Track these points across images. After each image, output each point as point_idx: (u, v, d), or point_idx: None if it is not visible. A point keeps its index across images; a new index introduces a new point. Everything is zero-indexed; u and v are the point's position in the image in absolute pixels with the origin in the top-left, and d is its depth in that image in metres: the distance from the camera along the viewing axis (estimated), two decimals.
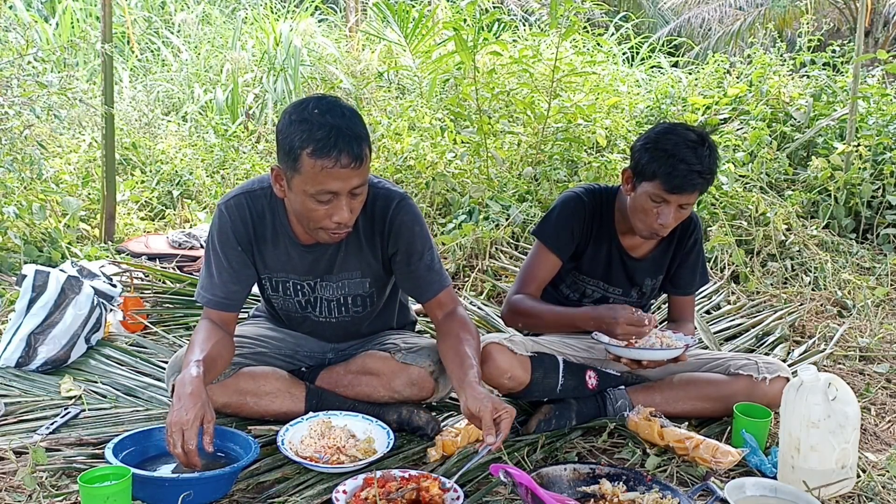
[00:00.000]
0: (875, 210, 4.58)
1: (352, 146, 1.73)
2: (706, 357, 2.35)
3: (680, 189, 2.04)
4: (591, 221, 2.28)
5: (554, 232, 2.27)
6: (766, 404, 2.14)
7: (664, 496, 1.74)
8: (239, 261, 2.03)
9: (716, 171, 2.10)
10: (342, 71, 7.45)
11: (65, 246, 3.86)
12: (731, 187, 4.35)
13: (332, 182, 1.76)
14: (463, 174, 4.96)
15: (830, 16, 11.00)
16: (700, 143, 2.05)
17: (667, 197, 2.06)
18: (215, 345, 1.93)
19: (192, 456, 1.69)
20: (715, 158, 2.08)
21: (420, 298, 2.12)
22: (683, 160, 2.02)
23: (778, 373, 2.20)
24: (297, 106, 1.81)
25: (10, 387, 2.35)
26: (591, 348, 2.36)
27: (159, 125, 6.28)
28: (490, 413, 1.73)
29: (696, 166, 2.02)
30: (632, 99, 6.65)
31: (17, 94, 3.93)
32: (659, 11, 14.27)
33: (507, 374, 2.15)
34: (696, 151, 2.03)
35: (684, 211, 2.12)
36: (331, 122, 1.73)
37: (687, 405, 2.24)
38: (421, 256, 2.05)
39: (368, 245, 2.05)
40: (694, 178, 2.03)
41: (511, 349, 2.17)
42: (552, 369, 2.21)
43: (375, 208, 2.01)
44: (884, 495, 1.88)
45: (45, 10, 8.26)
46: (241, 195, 2.03)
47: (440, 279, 2.09)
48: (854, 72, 4.90)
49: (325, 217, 1.82)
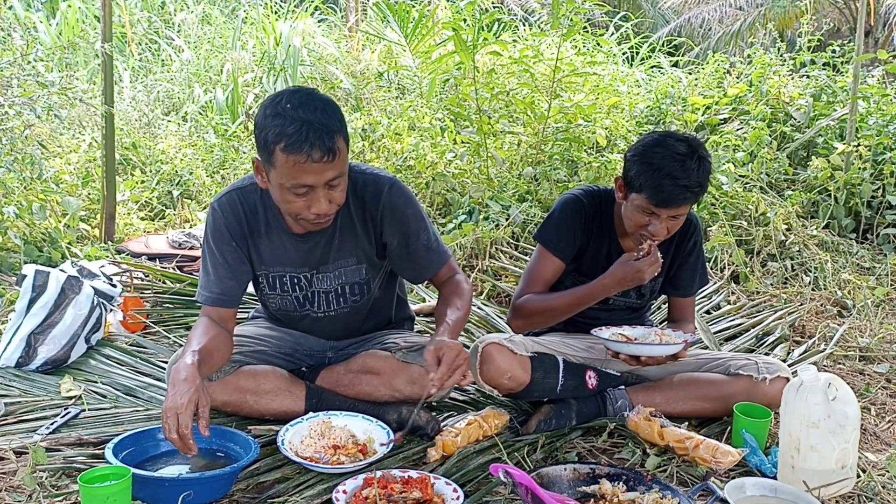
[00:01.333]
0: (875, 210, 4.58)
1: (323, 140, 1.74)
2: (706, 357, 2.35)
3: (667, 203, 2.02)
4: (591, 223, 2.27)
5: (556, 235, 2.27)
6: (766, 404, 2.14)
7: (664, 496, 1.74)
8: (234, 256, 2.04)
9: (706, 183, 2.07)
10: (342, 71, 7.45)
11: (65, 246, 3.86)
12: (731, 187, 4.35)
13: (305, 176, 1.77)
14: (463, 174, 4.96)
15: (830, 16, 11.00)
16: (689, 155, 2.01)
17: (655, 210, 2.05)
18: (212, 339, 1.94)
19: (187, 440, 1.69)
20: (706, 170, 2.04)
21: (421, 278, 2.17)
22: (670, 174, 1.98)
23: (778, 373, 2.19)
24: (272, 99, 1.81)
25: (10, 387, 2.35)
26: (591, 348, 2.36)
27: (159, 125, 6.29)
28: (432, 352, 1.81)
29: (683, 181, 1.98)
30: (632, 99, 6.64)
31: (17, 94, 3.93)
32: (659, 11, 14.28)
33: (506, 374, 2.15)
34: (683, 165, 1.99)
35: (676, 221, 2.10)
36: (302, 117, 1.74)
37: (687, 405, 2.24)
38: (418, 237, 2.06)
39: (362, 230, 2.06)
40: (681, 193, 2.00)
41: (511, 349, 2.17)
42: (552, 369, 2.21)
43: (366, 193, 2.03)
44: (884, 495, 1.88)
45: (46, 11, 8.26)
46: (233, 192, 2.05)
47: (439, 256, 2.12)
48: (854, 72, 4.90)
49: (304, 209, 1.84)
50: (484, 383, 2.18)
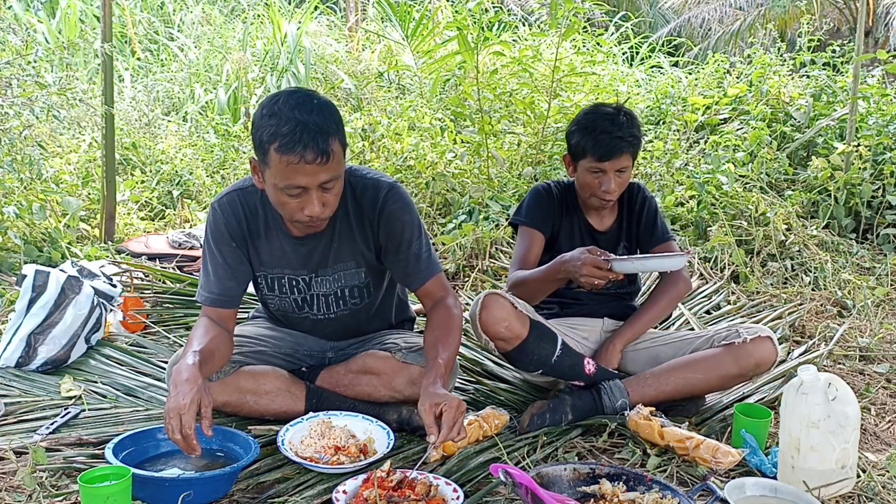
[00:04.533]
0: (875, 210, 4.58)
1: (317, 142, 1.73)
2: (691, 337, 2.41)
3: (609, 155, 2.27)
4: (560, 204, 2.47)
5: (527, 212, 2.45)
6: (753, 366, 2.20)
7: (664, 496, 1.74)
8: (234, 256, 2.04)
9: (639, 135, 2.34)
10: (343, 71, 7.45)
11: (65, 246, 3.86)
12: (731, 187, 4.35)
13: (298, 177, 1.77)
14: (463, 174, 4.96)
15: (830, 16, 11.00)
16: (616, 112, 2.32)
17: (601, 166, 2.29)
18: (212, 339, 1.94)
19: (190, 440, 1.69)
20: (634, 123, 2.32)
21: (409, 287, 2.14)
22: (604, 130, 2.27)
23: (758, 333, 2.24)
24: (269, 99, 1.81)
25: (10, 387, 2.35)
26: (585, 339, 2.45)
27: (159, 125, 6.29)
28: (428, 410, 1.76)
29: (616, 132, 2.27)
30: (632, 99, 6.64)
31: (16, 95, 3.93)
32: (659, 11, 14.28)
33: (504, 322, 2.18)
34: (613, 120, 2.28)
35: (623, 174, 2.33)
36: (297, 118, 1.74)
37: (679, 380, 2.25)
38: (409, 245, 2.04)
39: (360, 234, 2.05)
40: (617, 144, 2.27)
41: (512, 302, 2.21)
42: (549, 339, 2.24)
43: (365, 197, 2.02)
44: (884, 495, 1.88)
45: (45, 11, 8.26)
46: (234, 192, 2.05)
47: (428, 268, 2.08)
48: (854, 72, 4.90)
49: (298, 210, 1.84)
50: (482, 332, 2.20)
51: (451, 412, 1.76)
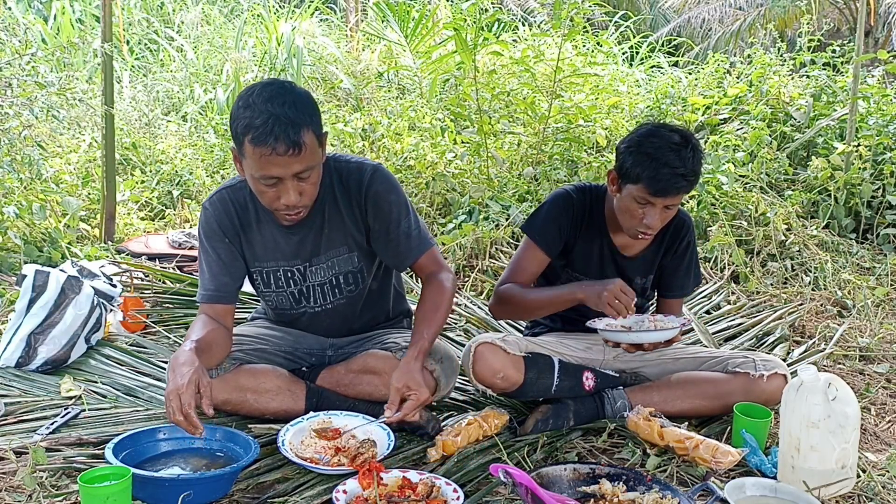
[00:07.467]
0: (875, 210, 4.58)
1: (288, 134, 1.76)
2: (704, 355, 2.35)
3: (664, 192, 2.04)
4: (581, 218, 2.27)
5: (541, 227, 2.27)
6: (763, 402, 2.14)
7: (664, 496, 1.74)
8: (227, 252, 2.07)
9: (700, 172, 2.10)
10: (342, 71, 7.45)
11: (65, 246, 3.86)
12: (731, 187, 4.35)
13: (272, 168, 1.81)
14: (463, 174, 4.96)
15: (830, 16, 11.00)
16: (683, 144, 2.05)
17: (651, 199, 2.06)
18: (210, 332, 1.97)
19: (192, 419, 1.71)
20: (699, 159, 2.07)
21: (402, 266, 2.16)
22: (667, 164, 2.01)
23: (775, 370, 2.19)
24: (246, 91, 1.85)
25: (10, 387, 2.35)
26: (588, 349, 2.36)
27: (159, 125, 6.28)
28: (399, 389, 1.89)
29: (680, 169, 2.02)
30: (632, 99, 6.64)
31: (16, 95, 3.93)
32: (659, 11, 14.27)
33: (499, 373, 2.16)
34: (679, 154, 2.02)
35: (670, 211, 2.12)
36: (270, 110, 1.77)
37: (685, 404, 2.23)
38: (398, 224, 2.06)
39: (349, 218, 2.07)
40: (678, 181, 2.03)
41: (504, 349, 2.17)
42: (547, 370, 2.21)
43: (351, 180, 2.05)
44: (884, 495, 1.88)
45: (45, 11, 8.25)
46: (223, 190, 2.10)
47: (420, 244, 2.10)
48: (854, 72, 4.90)
49: (275, 199, 1.88)
50: (477, 383, 2.19)
51: (414, 402, 1.89)
